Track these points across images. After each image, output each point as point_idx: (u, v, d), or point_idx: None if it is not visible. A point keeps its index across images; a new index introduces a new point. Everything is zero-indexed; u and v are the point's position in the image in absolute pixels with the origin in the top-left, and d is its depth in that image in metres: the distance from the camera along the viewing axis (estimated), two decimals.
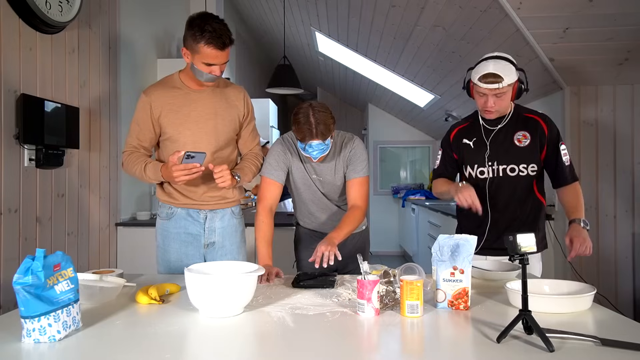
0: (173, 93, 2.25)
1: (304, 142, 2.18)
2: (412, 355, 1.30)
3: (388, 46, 5.57)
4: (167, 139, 2.26)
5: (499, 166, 2.31)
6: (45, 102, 2.90)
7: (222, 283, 1.52)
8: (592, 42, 3.52)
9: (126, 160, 2.25)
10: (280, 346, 1.32)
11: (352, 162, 2.35)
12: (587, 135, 4.15)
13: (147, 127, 2.24)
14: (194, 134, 2.24)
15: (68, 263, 1.42)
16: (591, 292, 1.59)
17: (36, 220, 2.92)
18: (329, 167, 2.37)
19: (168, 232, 2.33)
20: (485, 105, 2.25)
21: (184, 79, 2.28)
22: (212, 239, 2.36)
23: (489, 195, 2.35)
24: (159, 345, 1.30)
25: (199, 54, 2.10)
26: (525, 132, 2.30)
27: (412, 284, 1.54)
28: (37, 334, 1.31)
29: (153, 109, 2.22)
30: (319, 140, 2.16)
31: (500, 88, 2.17)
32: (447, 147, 2.49)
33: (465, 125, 2.46)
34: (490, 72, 2.17)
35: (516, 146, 2.30)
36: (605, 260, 4.12)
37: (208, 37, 2.06)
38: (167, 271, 2.33)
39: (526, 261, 1.36)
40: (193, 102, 2.25)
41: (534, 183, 2.34)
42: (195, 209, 2.33)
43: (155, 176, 2.19)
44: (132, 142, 2.26)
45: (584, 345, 1.26)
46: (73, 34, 3.27)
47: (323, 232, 2.42)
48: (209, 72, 2.14)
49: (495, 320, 1.49)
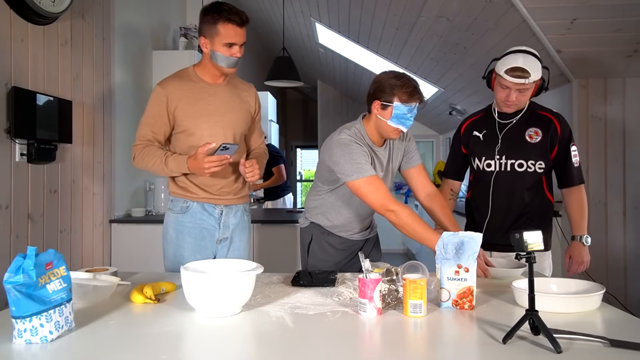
0: (189, 86, 2.29)
1: (408, 104, 2.09)
2: (416, 356, 1.29)
3: (390, 37, 5.56)
4: (182, 132, 2.28)
5: (507, 160, 2.34)
6: (37, 95, 2.89)
7: (219, 282, 1.51)
8: (600, 34, 3.51)
9: (140, 153, 2.25)
10: (279, 347, 1.31)
11: (410, 149, 2.36)
12: (596, 130, 4.14)
13: (162, 120, 2.27)
14: (210, 127, 2.28)
15: (60, 261, 1.42)
16: (600, 291, 1.59)
17: (28, 217, 2.92)
18: (386, 156, 2.30)
19: (183, 226, 2.34)
20: (508, 99, 2.28)
21: (200, 72, 2.32)
22: (225, 235, 2.40)
23: (493, 189, 2.38)
24: (154, 346, 1.30)
25: (219, 36, 2.17)
26: (538, 129, 2.33)
27: (416, 283, 1.53)
28: (29, 335, 1.30)
29: (170, 101, 2.25)
30: (419, 103, 2.12)
31: (526, 84, 2.20)
32: (457, 143, 2.55)
33: (477, 117, 2.51)
34: (519, 67, 2.19)
35: (527, 142, 2.33)
36: (614, 258, 4.12)
37: (226, 14, 2.15)
38: (177, 266, 2.30)
39: (533, 259, 1.36)
40: (210, 96, 2.30)
41: (544, 181, 2.37)
42: (211, 204, 2.35)
43: (178, 168, 2.21)
44: (145, 135, 2.27)
45: (593, 346, 1.25)
46: (66, 25, 3.25)
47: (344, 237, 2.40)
48: (230, 55, 2.21)
49: (501, 320, 1.48)
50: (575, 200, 2.39)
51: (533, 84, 2.23)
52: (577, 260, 2.38)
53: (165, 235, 2.40)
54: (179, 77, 2.32)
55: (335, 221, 2.38)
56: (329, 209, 2.37)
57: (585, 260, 2.39)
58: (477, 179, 2.47)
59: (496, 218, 2.39)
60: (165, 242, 2.39)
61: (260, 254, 3.97)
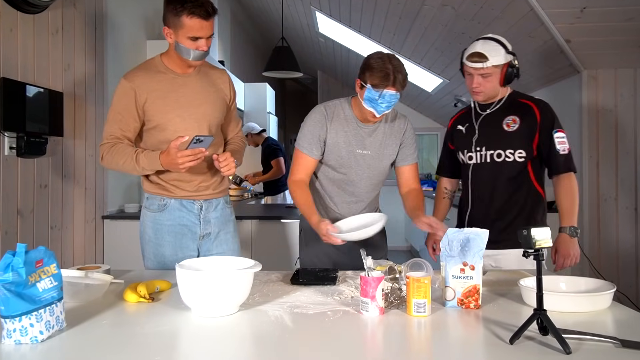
0: (158, 78, 2.23)
1: (378, 90, 2.11)
2: (419, 357, 1.29)
3: (393, 27, 5.54)
4: (154, 127, 2.23)
5: (486, 152, 2.37)
6: (26, 86, 2.89)
7: (216, 280, 1.51)
8: (611, 23, 3.50)
9: (108, 152, 2.19)
10: (278, 347, 1.31)
11: (406, 144, 2.38)
12: (606, 122, 4.13)
13: (131, 116, 2.20)
14: (184, 120, 2.23)
15: (51, 259, 1.41)
16: (610, 290, 1.58)
17: (17, 212, 2.92)
18: (378, 138, 2.33)
19: (161, 225, 2.32)
20: (471, 85, 2.35)
21: (168, 62, 2.26)
22: (207, 230, 2.37)
23: (472, 181, 2.43)
24: (148, 347, 1.30)
25: (182, 29, 2.10)
26: (515, 116, 2.35)
27: (419, 281, 1.53)
28: (18, 335, 1.30)
29: (138, 95, 2.18)
30: (394, 90, 2.12)
31: (485, 68, 2.27)
32: (447, 139, 2.62)
33: (462, 112, 2.57)
34: (476, 52, 2.28)
35: (504, 131, 2.35)
36: (625, 255, 4.12)
37: (190, 7, 2.07)
38: (160, 266, 2.31)
39: (541, 257, 1.36)
40: (180, 87, 2.24)
41: (530, 172, 2.36)
42: (189, 200, 2.33)
43: (151, 165, 2.15)
44: (113, 132, 2.20)
45: (603, 347, 1.25)
46: (57, 14, 3.24)
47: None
48: (195, 48, 2.14)
49: (508, 319, 1.48)
50: (562, 189, 2.34)
51: (495, 69, 2.28)
52: (563, 254, 2.29)
53: (142, 234, 2.36)
54: (145, 69, 2.25)
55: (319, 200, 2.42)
56: (315, 196, 2.40)
57: (573, 253, 2.30)
58: (463, 173, 2.51)
59: (478, 211, 2.42)
60: (144, 241, 2.36)
61: (258, 251, 3.97)
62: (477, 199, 2.42)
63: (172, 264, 2.27)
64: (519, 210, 2.36)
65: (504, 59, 2.27)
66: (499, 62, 2.26)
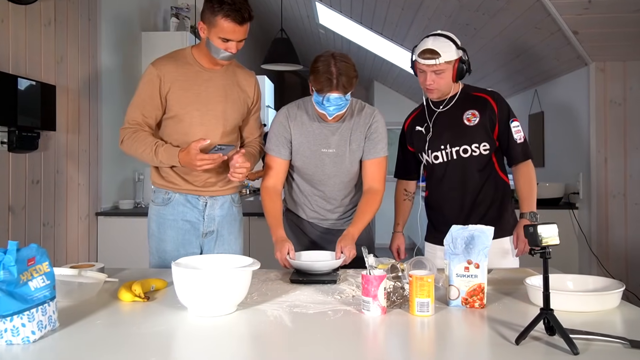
0: (184, 69, 2.28)
1: (322, 94, 2.15)
2: (422, 359, 1.29)
3: (395, 18, 5.53)
4: (172, 117, 2.27)
5: (451, 149, 2.41)
6: (18, 79, 2.88)
7: (213, 278, 1.51)
8: (619, 13, 3.49)
9: (130, 137, 2.23)
10: (277, 348, 1.31)
11: (372, 138, 2.35)
12: (615, 116, 4.12)
13: (154, 103, 2.25)
14: (202, 115, 2.27)
15: (43, 257, 1.41)
16: (619, 289, 1.58)
17: (8, 209, 2.92)
18: (343, 135, 2.34)
19: (164, 219, 2.34)
20: (424, 82, 2.37)
21: (197, 55, 2.31)
22: (211, 228, 2.39)
23: (445, 180, 2.45)
24: (144, 347, 1.29)
25: (215, 28, 2.14)
26: (474, 110, 2.40)
27: (422, 280, 1.53)
28: (10, 335, 1.30)
29: (163, 83, 2.23)
30: (339, 94, 2.15)
31: (438, 65, 2.30)
32: (403, 141, 2.64)
33: (417, 112, 2.59)
34: (427, 48, 2.30)
35: (466, 126, 2.40)
36: (634, 252, 4.12)
37: (227, 9, 2.11)
38: (162, 262, 2.33)
39: (548, 255, 1.36)
40: (204, 82, 2.29)
41: (495, 163, 2.45)
42: (194, 195, 2.34)
43: (169, 160, 2.20)
44: (135, 117, 2.25)
45: (612, 348, 1.25)
46: (49, 5, 3.23)
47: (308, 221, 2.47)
48: (224, 49, 2.18)
49: (514, 319, 1.48)
50: (521, 176, 2.44)
51: (447, 65, 2.31)
52: (522, 239, 2.37)
53: (148, 228, 2.40)
54: (174, 58, 2.30)
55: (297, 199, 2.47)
56: (293, 195, 2.48)
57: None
58: (429, 174, 2.54)
59: (451, 207, 2.46)
60: (149, 236, 2.40)
61: (257, 249, 3.97)
62: (448, 196, 2.46)
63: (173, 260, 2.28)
64: (491, 201, 2.43)
65: (455, 54, 2.32)
66: (451, 57, 2.30)
